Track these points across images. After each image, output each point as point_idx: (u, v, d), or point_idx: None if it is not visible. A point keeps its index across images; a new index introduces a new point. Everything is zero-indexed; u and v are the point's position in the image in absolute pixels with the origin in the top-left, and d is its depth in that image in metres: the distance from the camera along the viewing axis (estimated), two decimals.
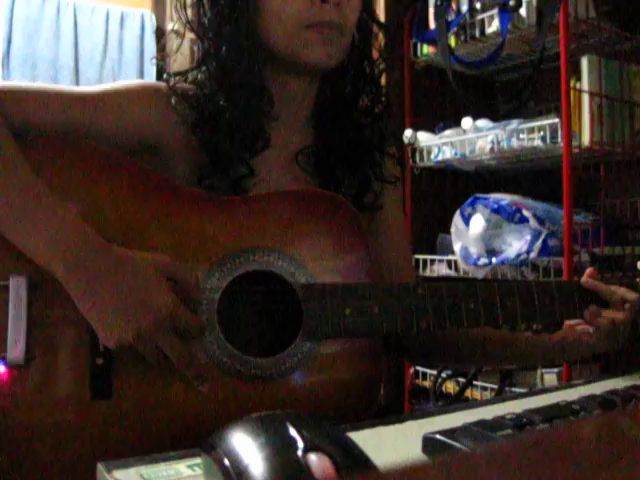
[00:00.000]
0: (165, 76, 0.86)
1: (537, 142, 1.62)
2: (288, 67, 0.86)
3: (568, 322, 0.91)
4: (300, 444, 0.42)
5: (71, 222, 0.69)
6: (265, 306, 0.83)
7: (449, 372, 1.83)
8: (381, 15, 1.89)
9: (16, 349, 0.68)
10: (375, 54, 0.94)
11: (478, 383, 1.76)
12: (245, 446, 0.43)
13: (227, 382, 0.73)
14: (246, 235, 0.77)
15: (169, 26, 0.89)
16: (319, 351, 0.76)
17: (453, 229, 1.77)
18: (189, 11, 0.87)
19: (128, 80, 0.89)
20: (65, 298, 0.68)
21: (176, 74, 0.87)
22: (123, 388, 0.70)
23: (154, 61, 2.65)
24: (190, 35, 0.88)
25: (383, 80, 0.96)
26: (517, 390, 1.64)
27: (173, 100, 0.84)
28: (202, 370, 0.71)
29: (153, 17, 2.88)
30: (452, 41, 1.80)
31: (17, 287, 0.69)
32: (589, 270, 0.88)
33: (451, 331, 0.91)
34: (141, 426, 0.70)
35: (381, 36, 0.94)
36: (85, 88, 0.85)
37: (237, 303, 0.80)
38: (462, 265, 1.77)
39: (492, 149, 1.73)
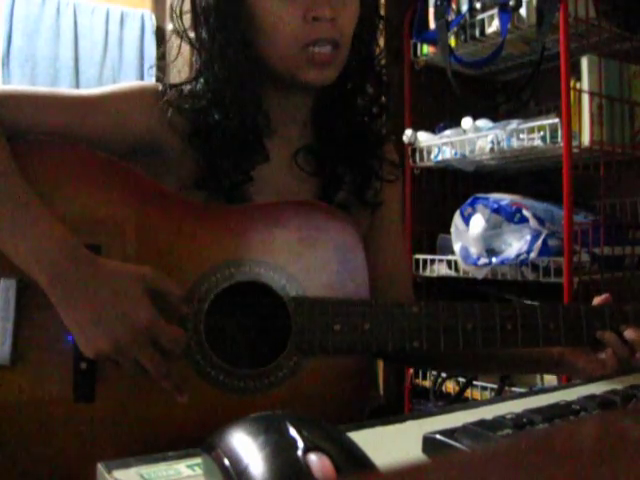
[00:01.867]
0: (161, 88, 0.85)
1: (537, 142, 1.62)
2: (286, 82, 0.85)
3: None
4: (300, 444, 0.42)
5: (56, 231, 0.69)
6: (254, 318, 0.82)
7: None
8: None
9: (3, 350, 0.69)
10: (377, 49, 0.93)
11: (478, 383, 1.76)
12: (245, 446, 0.43)
13: (211, 393, 0.72)
14: (237, 245, 0.77)
15: (169, 26, 0.89)
16: (306, 366, 0.75)
17: (453, 229, 1.77)
18: (185, 22, 0.85)
19: (127, 83, 0.88)
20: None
21: (172, 86, 0.86)
22: (106, 392, 0.71)
23: (153, 70, 2.65)
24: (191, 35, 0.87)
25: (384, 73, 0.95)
26: (517, 390, 1.64)
27: (169, 113, 0.83)
28: (180, 382, 0.71)
29: (153, 17, 2.88)
30: (452, 41, 1.80)
31: (6, 289, 0.70)
32: (604, 297, 0.85)
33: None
34: (123, 430, 0.71)
35: (382, 31, 0.94)
36: (83, 91, 0.84)
37: (225, 314, 0.79)
38: (462, 265, 1.77)
39: (492, 149, 1.73)
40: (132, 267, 0.71)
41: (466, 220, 1.74)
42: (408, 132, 1.92)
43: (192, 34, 0.86)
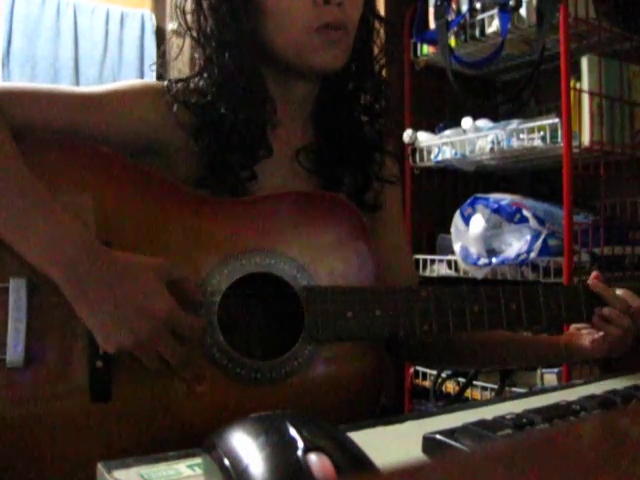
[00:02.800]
0: (166, 83, 0.85)
1: (537, 142, 1.62)
2: (293, 71, 0.86)
3: (575, 325, 0.90)
4: (300, 444, 0.42)
5: (68, 226, 0.68)
6: (267, 309, 0.83)
7: (449, 372, 1.83)
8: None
9: (16, 351, 0.67)
10: (376, 50, 0.94)
11: (478, 383, 1.76)
12: (245, 446, 0.43)
13: (227, 385, 0.72)
14: (248, 237, 0.77)
15: (169, 26, 0.89)
16: (320, 354, 0.76)
17: (453, 229, 1.77)
18: (189, 17, 0.85)
19: (131, 80, 0.88)
20: (65, 300, 0.67)
21: (177, 81, 0.86)
22: (122, 391, 0.70)
23: (153, 67, 2.64)
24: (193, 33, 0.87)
25: (384, 73, 0.96)
26: (517, 390, 1.64)
27: (175, 107, 0.83)
28: (199, 370, 0.71)
29: (153, 17, 2.88)
30: (452, 41, 1.80)
31: (17, 289, 0.68)
32: (594, 273, 0.88)
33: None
34: (140, 429, 0.70)
35: (382, 32, 0.94)
36: (87, 88, 0.84)
37: (238, 306, 0.80)
38: (462, 265, 1.77)
39: (492, 149, 1.73)
40: (146, 259, 0.70)
41: (466, 220, 1.74)
42: (408, 132, 1.92)
43: (194, 33, 0.86)
